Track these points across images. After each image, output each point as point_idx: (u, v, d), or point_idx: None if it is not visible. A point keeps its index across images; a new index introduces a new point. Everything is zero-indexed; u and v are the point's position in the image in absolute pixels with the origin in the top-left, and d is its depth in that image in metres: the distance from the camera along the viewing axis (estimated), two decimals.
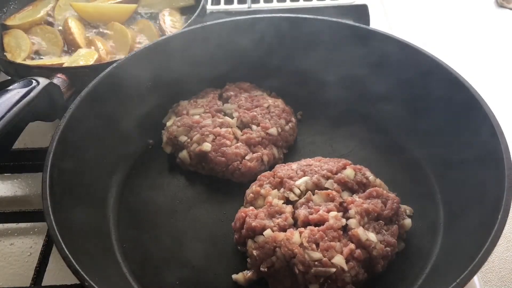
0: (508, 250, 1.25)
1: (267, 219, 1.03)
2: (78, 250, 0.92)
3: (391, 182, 1.16)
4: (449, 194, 1.14)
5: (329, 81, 1.40)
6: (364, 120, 1.35)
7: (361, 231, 1.00)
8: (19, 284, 1.15)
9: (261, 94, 1.38)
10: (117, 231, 1.14)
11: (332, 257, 0.96)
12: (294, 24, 1.36)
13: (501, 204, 0.92)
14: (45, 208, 0.95)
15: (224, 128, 1.26)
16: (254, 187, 1.12)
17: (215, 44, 1.36)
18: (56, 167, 1.03)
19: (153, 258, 1.09)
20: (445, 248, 1.06)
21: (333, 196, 1.06)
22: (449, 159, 1.17)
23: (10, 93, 1.12)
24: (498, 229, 0.88)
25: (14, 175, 1.43)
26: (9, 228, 1.30)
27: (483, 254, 0.86)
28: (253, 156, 1.22)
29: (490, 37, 1.90)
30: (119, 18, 1.64)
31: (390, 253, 1.01)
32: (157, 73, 1.32)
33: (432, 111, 1.22)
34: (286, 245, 0.97)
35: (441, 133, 1.20)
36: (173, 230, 1.14)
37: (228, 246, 1.10)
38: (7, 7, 1.67)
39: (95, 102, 1.19)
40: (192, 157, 1.24)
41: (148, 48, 1.30)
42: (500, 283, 1.19)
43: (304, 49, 1.39)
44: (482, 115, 1.08)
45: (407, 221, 1.08)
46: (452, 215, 1.11)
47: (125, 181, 1.24)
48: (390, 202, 1.06)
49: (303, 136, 1.35)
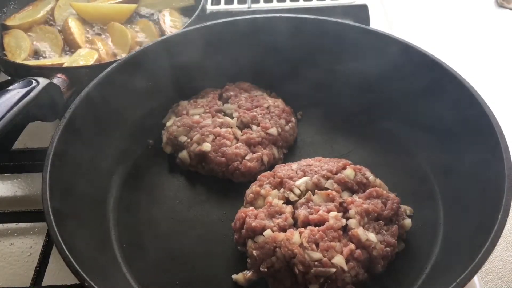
0: (508, 250, 1.25)
1: (267, 219, 1.03)
2: (78, 250, 0.92)
3: (391, 182, 1.16)
4: (449, 194, 1.14)
5: (330, 81, 1.40)
6: (364, 120, 1.35)
7: (361, 231, 1.00)
8: (19, 284, 1.15)
9: (261, 94, 1.38)
10: (117, 231, 1.13)
11: (332, 257, 0.95)
12: (295, 24, 1.36)
13: (501, 204, 0.92)
14: (45, 208, 0.95)
15: (224, 128, 1.26)
16: (254, 187, 1.11)
17: (215, 44, 1.36)
18: (56, 167, 1.03)
19: (152, 258, 1.08)
20: (445, 248, 1.06)
21: (333, 196, 1.06)
22: (449, 159, 1.17)
23: (10, 93, 1.12)
24: (498, 229, 0.88)
25: (14, 175, 1.43)
26: (9, 228, 1.30)
27: (483, 254, 0.86)
28: (253, 156, 1.22)
29: (490, 37, 1.90)
30: (119, 18, 1.64)
31: (390, 253, 1.00)
32: (157, 73, 1.32)
33: (433, 112, 1.22)
34: (286, 245, 0.97)
35: (441, 134, 1.20)
36: (173, 230, 1.14)
37: (228, 246, 1.10)
38: (7, 7, 1.67)
39: (95, 102, 1.18)
40: (192, 157, 1.24)
41: (148, 48, 1.30)
42: (500, 283, 1.19)
43: (304, 49, 1.39)
44: (483, 115, 1.07)
45: (407, 221, 1.08)
46: (452, 215, 1.11)
47: (125, 181, 1.24)
48: (390, 202, 1.06)
49: (303, 136, 1.35)
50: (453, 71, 1.17)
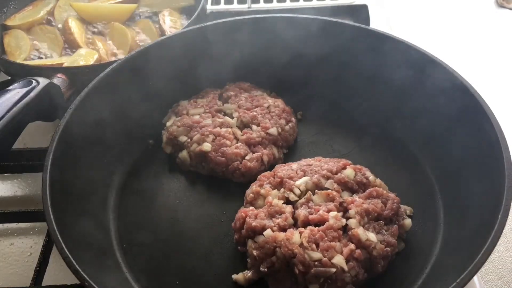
0: (508, 250, 1.25)
1: (267, 219, 1.03)
2: (78, 250, 0.92)
3: (391, 182, 1.16)
4: (449, 194, 1.14)
5: (329, 81, 1.40)
6: (364, 120, 1.35)
7: (361, 231, 1.00)
8: (19, 284, 1.15)
9: (261, 94, 1.38)
10: (117, 231, 1.13)
11: (332, 257, 0.95)
12: (294, 24, 1.36)
13: (501, 204, 0.92)
14: (45, 208, 0.95)
15: (224, 128, 1.26)
16: (254, 187, 1.11)
17: (215, 44, 1.36)
18: (56, 167, 1.03)
19: (152, 258, 1.08)
20: (445, 248, 1.06)
21: (333, 196, 1.06)
22: (449, 159, 1.17)
23: (10, 93, 1.12)
24: (498, 229, 0.88)
25: (14, 175, 1.43)
26: (9, 228, 1.30)
27: (483, 254, 0.86)
28: (253, 156, 1.22)
29: (490, 37, 1.90)
30: (119, 18, 1.64)
31: (390, 253, 1.00)
32: (157, 73, 1.31)
33: (432, 112, 1.22)
34: (286, 245, 0.97)
35: (441, 133, 1.20)
36: (173, 230, 1.14)
37: (228, 246, 1.10)
38: (7, 7, 1.67)
39: (95, 102, 1.18)
40: (192, 157, 1.24)
41: (148, 48, 1.30)
42: (500, 283, 1.19)
43: (304, 49, 1.38)
44: (482, 115, 1.07)
45: (407, 221, 1.08)
46: (452, 215, 1.11)
47: (125, 181, 1.24)
48: (390, 202, 1.06)
49: (303, 136, 1.35)
50: (455, 72, 1.17)
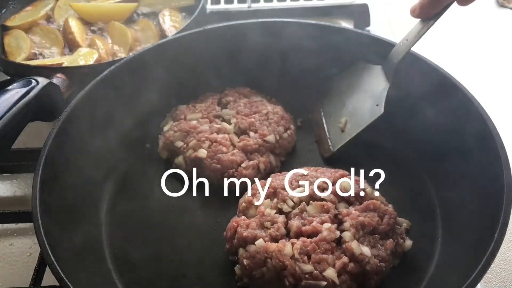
0: (509, 251, 1.23)
1: (259, 229, 1.02)
2: (66, 256, 0.92)
3: (390, 194, 1.13)
4: (448, 207, 1.12)
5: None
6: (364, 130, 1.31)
7: (355, 244, 0.97)
8: (18, 284, 1.14)
9: (261, 100, 1.36)
10: (109, 237, 1.12)
11: (323, 270, 0.94)
12: (296, 29, 1.34)
13: (498, 221, 0.90)
14: (34, 213, 0.94)
15: (221, 134, 1.24)
16: (246, 196, 1.10)
17: (215, 48, 1.35)
18: (48, 170, 1.02)
19: (144, 266, 1.07)
20: (441, 263, 1.03)
21: (328, 207, 1.03)
22: (448, 172, 1.15)
23: (10, 93, 1.12)
24: (494, 248, 0.87)
25: (14, 175, 1.43)
26: (9, 228, 1.29)
27: (477, 273, 0.85)
28: (249, 164, 1.20)
29: (490, 37, 1.87)
30: (119, 17, 1.63)
31: (384, 268, 0.98)
32: (156, 76, 1.30)
33: (432, 122, 1.20)
34: (277, 256, 0.95)
35: (441, 145, 1.18)
36: (166, 237, 1.12)
37: (221, 255, 1.08)
38: (7, 8, 1.67)
39: (91, 105, 1.18)
40: (188, 163, 1.22)
41: (147, 51, 1.29)
42: (501, 283, 1.17)
43: (306, 54, 1.36)
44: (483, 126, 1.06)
45: (407, 243, 1.05)
46: (450, 230, 1.08)
47: (119, 186, 1.22)
48: (387, 217, 1.03)
49: (303, 143, 1.33)
50: (452, 78, 1.15)
